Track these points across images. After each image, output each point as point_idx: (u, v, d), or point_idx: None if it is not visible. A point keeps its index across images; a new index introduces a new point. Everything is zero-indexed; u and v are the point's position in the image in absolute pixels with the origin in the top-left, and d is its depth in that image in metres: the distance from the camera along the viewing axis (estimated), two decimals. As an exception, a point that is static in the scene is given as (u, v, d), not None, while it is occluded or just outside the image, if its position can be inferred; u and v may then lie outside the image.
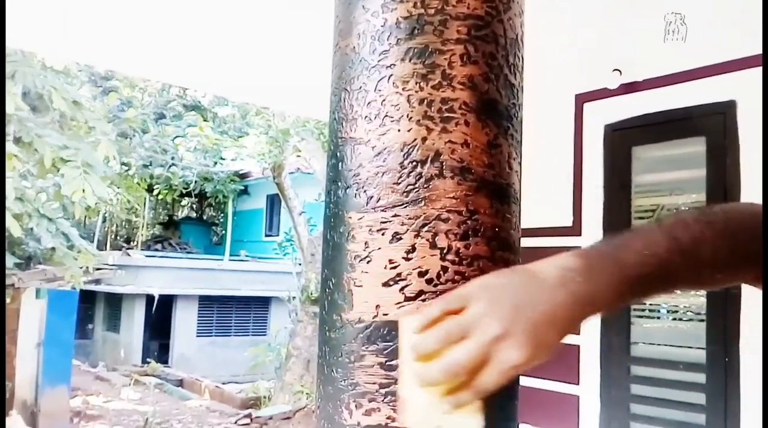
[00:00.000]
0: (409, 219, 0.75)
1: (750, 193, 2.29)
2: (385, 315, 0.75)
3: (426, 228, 0.75)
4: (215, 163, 16.39)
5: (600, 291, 0.68)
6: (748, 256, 0.76)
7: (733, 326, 2.30)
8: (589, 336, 2.69)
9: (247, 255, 18.47)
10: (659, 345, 2.66)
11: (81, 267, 7.32)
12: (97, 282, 14.72)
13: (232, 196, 18.86)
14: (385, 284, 0.76)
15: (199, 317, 16.37)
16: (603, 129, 2.78)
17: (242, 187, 19.31)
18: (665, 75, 2.55)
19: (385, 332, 0.75)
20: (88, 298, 15.36)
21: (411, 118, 0.77)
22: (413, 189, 0.76)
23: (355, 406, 0.75)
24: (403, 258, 0.75)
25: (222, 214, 21.93)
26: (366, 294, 0.77)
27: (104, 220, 19.72)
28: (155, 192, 16.26)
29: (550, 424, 2.78)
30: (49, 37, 3.25)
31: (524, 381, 0.82)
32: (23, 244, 10.27)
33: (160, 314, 15.55)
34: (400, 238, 0.76)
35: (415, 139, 0.76)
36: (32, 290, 8.38)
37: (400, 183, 0.76)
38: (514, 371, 0.65)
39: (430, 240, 0.75)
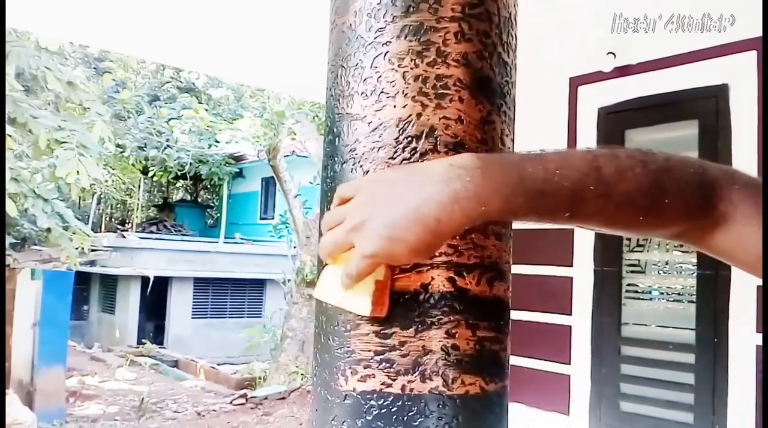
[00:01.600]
0: (404, 193, 0.77)
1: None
2: (380, 286, 0.77)
3: (420, 202, 0.77)
4: (210, 146, 16.35)
5: (488, 196, 0.64)
6: (680, 208, 0.71)
7: (723, 307, 2.34)
8: (580, 316, 2.73)
9: (242, 238, 18.49)
10: (650, 325, 2.71)
11: (77, 248, 7.32)
12: (92, 263, 14.73)
13: (227, 179, 18.84)
14: (380, 256, 0.78)
15: (194, 299, 16.43)
16: (597, 112, 2.79)
17: (237, 170, 19.28)
18: (659, 58, 2.57)
19: (380, 302, 0.77)
20: (83, 280, 15.39)
21: (406, 94, 0.78)
22: (408, 163, 0.78)
23: (351, 372, 0.78)
24: (397, 231, 0.77)
25: (217, 197, 21.91)
26: (362, 266, 0.79)
27: (99, 202, 19.69)
28: (150, 174, 16.22)
29: (541, 403, 2.82)
30: (43, 17, 3.24)
31: (516, 360, 0.84)
32: (18, 225, 10.26)
33: (155, 296, 15.59)
34: (395, 212, 0.77)
35: (410, 115, 0.78)
36: (27, 271, 8.40)
37: (395, 157, 0.78)
38: (369, 260, 0.66)
39: (424, 213, 0.77)
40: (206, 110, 15.25)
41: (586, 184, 0.67)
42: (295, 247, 12.35)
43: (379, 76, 0.80)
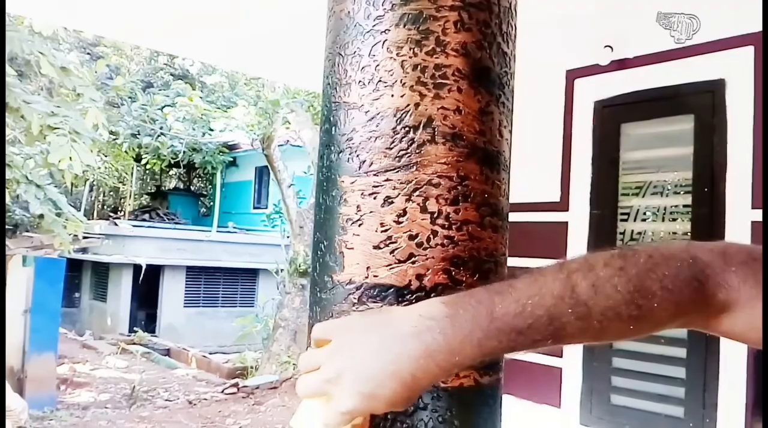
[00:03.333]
0: (401, 183, 0.77)
1: (737, 171, 2.32)
2: (375, 276, 0.77)
3: (417, 193, 0.77)
4: (204, 134, 16.28)
5: (460, 347, 0.63)
6: (673, 308, 0.67)
7: (715, 302, 2.34)
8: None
9: (235, 227, 18.46)
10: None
11: (70, 234, 7.28)
12: (84, 250, 14.68)
13: (220, 168, 18.77)
14: (376, 247, 0.77)
15: (186, 287, 16.40)
16: (593, 105, 2.79)
17: (231, 159, 19.22)
18: (656, 52, 2.56)
19: (374, 293, 0.77)
20: (74, 267, 15.34)
21: (404, 83, 0.78)
22: (405, 154, 0.77)
23: (344, 365, 0.77)
24: (394, 221, 0.77)
25: (210, 186, 21.84)
26: (357, 256, 0.78)
27: (91, 190, 19.60)
28: (143, 161, 16.14)
29: (533, 396, 2.83)
30: (37, 1, 3.20)
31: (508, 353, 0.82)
32: (10, 212, 10.22)
33: (147, 284, 15.56)
34: (392, 202, 0.77)
35: (408, 105, 0.77)
36: (19, 258, 8.36)
37: (392, 148, 0.77)
38: (345, 416, 0.64)
39: (421, 204, 0.77)
40: (200, 98, 15.18)
41: (562, 309, 0.64)
42: (288, 237, 12.33)
43: (377, 65, 0.79)
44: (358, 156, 0.79)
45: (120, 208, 20.46)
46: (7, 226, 8.38)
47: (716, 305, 0.67)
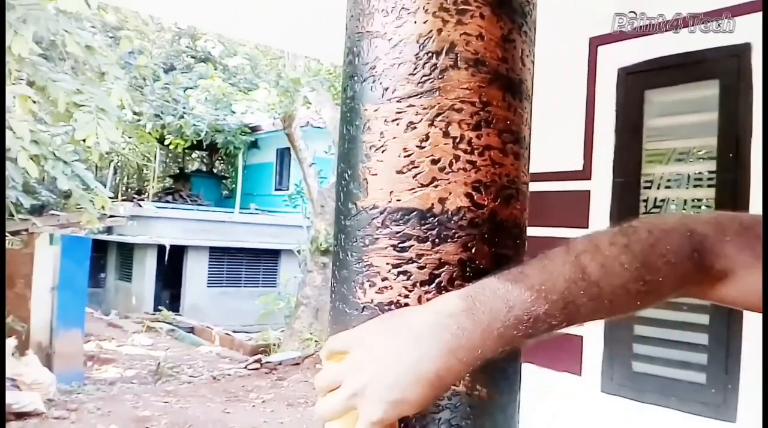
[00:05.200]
0: (424, 109, 0.78)
1: (760, 138, 2.29)
2: (399, 201, 0.79)
3: (440, 118, 0.78)
4: (225, 117, 16.38)
5: (481, 340, 0.64)
6: (675, 280, 0.70)
7: (738, 268, 2.32)
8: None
9: (257, 209, 18.59)
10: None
11: (97, 210, 7.39)
12: (109, 231, 14.91)
13: (242, 149, 18.87)
14: (399, 172, 0.79)
15: (209, 268, 16.59)
16: (616, 72, 2.77)
17: (252, 140, 19.31)
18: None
19: (398, 216, 0.78)
20: (100, 248, 15.58)
21: (427, 9, 0.78)
22: (428, 79, 0.78)
23: (369, 285, 0.79)
24: (416, 146, 0.78)
25: (232, 168, 21.99)
26: (380, 181, 0.80)
27: (115, 172, 19.83)
28: (166, 142, 16.27)
29: (553, 363, 2.84)
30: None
31: None
32: (36, 193, 10.38)
33: (171, 264, 15.76)
34: (415, 127, 0.78)
35: (431, 31, 0.78)
36: (46, 236, 8.51)
37: (415, 74, 0.79)
38: (378, 425, 0.64)
39: (443, 129, 0.78)
40: (222, 79, 15.24)
41: (575, 292, 0.66)
42: (308, 218, 12.40)
43: (400, -7, 0.80)
44: (381, 83, 0.80)
45: (144, 190, 20.69)
46: (35, 201, 8.50)
47: (714, 274, 0.71)
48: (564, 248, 0.70)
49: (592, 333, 2.72)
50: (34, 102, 6.08)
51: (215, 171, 23.36)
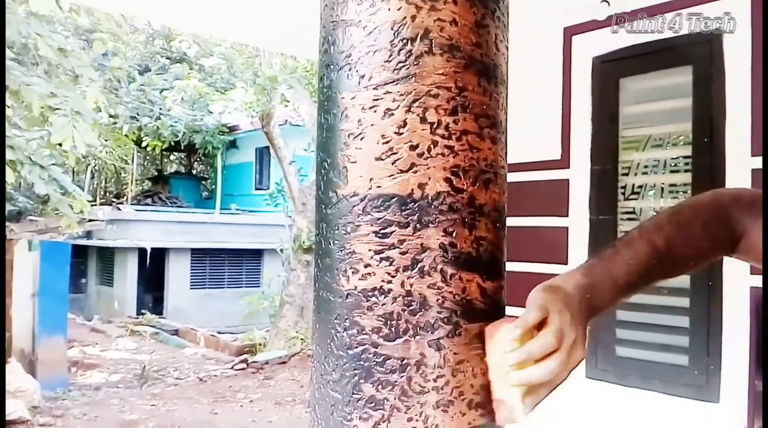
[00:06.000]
0: (400, 95, 0.79)
1: (735, 120, 2.32)
2: (379, 187, 0.79)
3: (416, 104, 0.79)
4: (202, 118, 16.25)
5: (601, 303, 0.86)
6: (716, 243, 0.96)
7: (717, 250, 2.35)
8: (576, 265, 2.74)
9: (237, 209, 18.49)
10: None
11: (76, 214, 7.29)
12: (89, 235, 14.75)
13: (221, 149, 18.74)
14: (378, 158, 0.79)
15: (192, 270, 16.47)
16: (591, 61, 2.79)
17: (231, 140, 19.18)
18: (652, 5, 2.55)
19: (379, 203, 0.79)
20: (80, 253, 15.41)
21: (400, -4, 0.79)
22: (403, 66, 0.79)
23: (352, 272, 0.80)
24: (394, 133, 0.79)
25: (211, 169, 21.84)
26: (360, 169, 0.81)
27: (93, 176, 19.61)
28: (144, 144, 16.09)
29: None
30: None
31: (514, 311, 0.88)
32: (13, 199, 10.24)
33: (153, 267, 15.63)
34: (392, 114, 0.79)
35: (405, 17, 0.79)
36: (24, 242, 8.39)
37: (391, 60, 0.79)
38: (577, 367, 0.82)
39: (421, 115, 0.79)
40: (198, 80, 15.12)
41: (651, 262, 0.89)
42: (290, 216, 12.36)
43: (373, -20, 0.80)
44: (357, 71, 0.81)
45: (122, 194, 20.48)
46: (13, 207, 8.38)
47: (736, 238, 0.96)
48: (638, 230, 0.93)
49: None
50: (8, 106, 6.00)
51: (194, 172, 23.18)
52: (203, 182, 22.75)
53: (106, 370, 9.84)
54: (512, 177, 0.95)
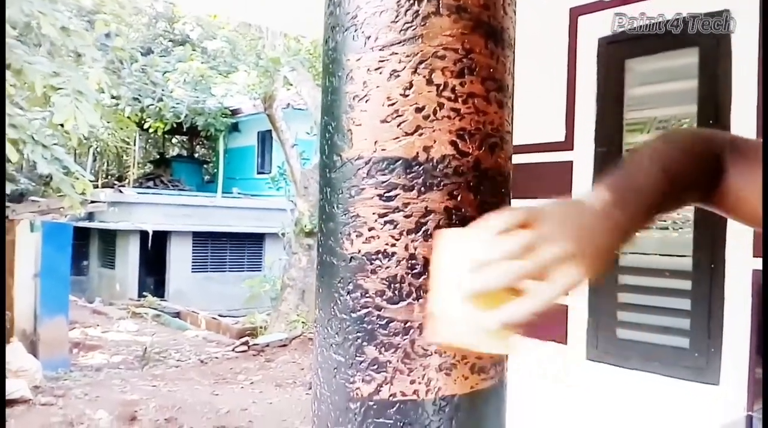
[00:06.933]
0: (407, 56, 0.78)
1: (741, 102, 2.31)
2: (383, 150, 0.78)
3: (423, 65, 0.78)
4: (205, 100, 16.20)
5: (630, 221, 0.75)
6: (706, 176, 0.85)
7: (720, 232, 2.35)
8: (578, 245, 2.74)
9: (239, 193, 18.49)
10: (647, 254, 2.73)
11: (79, 193, 7.28)
12: (91, 217, 14.77)
13: (223, 132, 18.70)
14: (383, 121, 0.79)
15: (193, 253, 16.52)
16: (597, 42, 2.77)
17: (233, 124, 19.15)
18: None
19: (383, 166, 0.78)
20: (82, 235, 15.44)
21: (407, -44, 0.78)
22: (410, 27, 0.78)
23: (356, 235, 0.79)
24: (400, 95, 0.78)
25: (213, 152, 21.82)
26: (365, 132, 0.80)
27: (95, 159, 19.59)
28: (146, 125, 16.05)
29: (539, 333, 2.86)
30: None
31: None
32: (15, 180, 10.24)
33: (154, 250, 15.67)
34: (398, 76, 0.78)
35: (412, -23, 0.78)
36: (26, 223, 8.40)
37: (397, 21, 0.78)
38: (572, 288, 0.69)
39: (427, 77, 0.78)
40: (201, 62, 15.07)
41: (666, 188, 0.79)
42: (292, 201, 12.35)
43: (380, -60, 0.79)
44: (363, 32, 0.80)
45: (124, 177, 20.48)
46: (13, 193, 8.38)
47: (723, 177, 0.85)
48: (640, 156, 0.85)
49: (577, 303, 2.75)
50: (11, 86, 5.97)
51: (196, 156, 23.16)
52: (205, 166, 22.74)
53: (108, 352, 9.88)
54: (516, 159, 0.92)
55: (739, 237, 2.29)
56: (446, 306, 0.70)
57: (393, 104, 0.78)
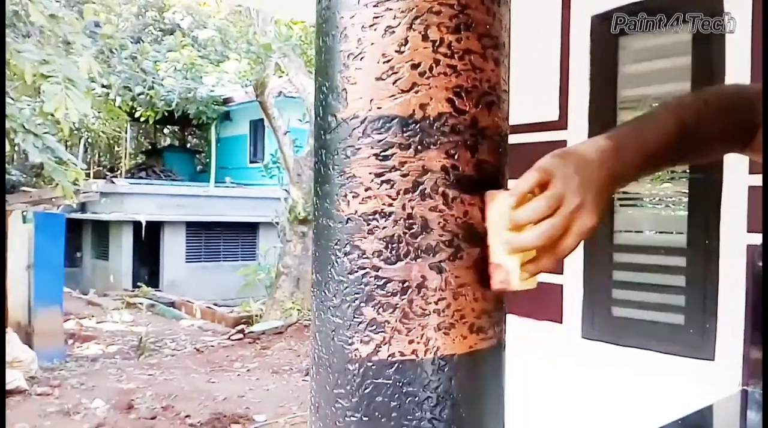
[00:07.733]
0: (401, 12, 0.76)
1: (734, 78, 2.30)
2: (379, 108, 0.77)
3: (418, 21, 0.76)
4: (197, 88, 16.11)
5: (627, 168, 0.81)
6: (737, 128, 0.93)
7: (714, 209, 2.35)
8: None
9: (232, 182, 18.44)
10: (642, 232, 2.73)
11: (72, 182, 7.22)
12: (83, 208, 14.69)
13: (215, 120, 18.61)
14: (379, 78, 0.77)
15: (187, 243, 16.48)
16: (590, 19, 2.76)
17: (224, 113, 19.06)
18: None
19: (379, 124, 0.77)
20: (75, 227, 15.36)
21: None
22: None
23: (352, 196, 0.78)
24: (395, 51, 0.77)
25: (205, 142, 21.73)
26: (360, 90, 0.78)
27: (86, 150, 19.47)
28: (137, 114, 15.94)
29: (535, 313, 2.86)
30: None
31: None
32: (6, 171, 10.17)
33: (148, 241, 15.62)
34: (393, 32, 0.77)
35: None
36: (18, 214, 8.35)
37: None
38: (587, 235, 0.77)
39: (423, 32, 0.76)
40: (192, 52, 14.96)
41: (680, 135, 0.85)
42: (285, 189, 12.32)
43: None
44: (356, -10, 0.78)
45: (116, 168, 20.37)
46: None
47: (754, 128, 0.93)
48: (662, 107, 0.91)
49: (572, 282, 2.75)
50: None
51: (188, 146, 23.06)
52: (197, 156, 22.65)
53: (103, 342, 9.87)
54: (509, 139, 0.92)
55: (734, 213, 2.29)
56: (499, 259, 0.80)
57: (388, 61, 0.77)
